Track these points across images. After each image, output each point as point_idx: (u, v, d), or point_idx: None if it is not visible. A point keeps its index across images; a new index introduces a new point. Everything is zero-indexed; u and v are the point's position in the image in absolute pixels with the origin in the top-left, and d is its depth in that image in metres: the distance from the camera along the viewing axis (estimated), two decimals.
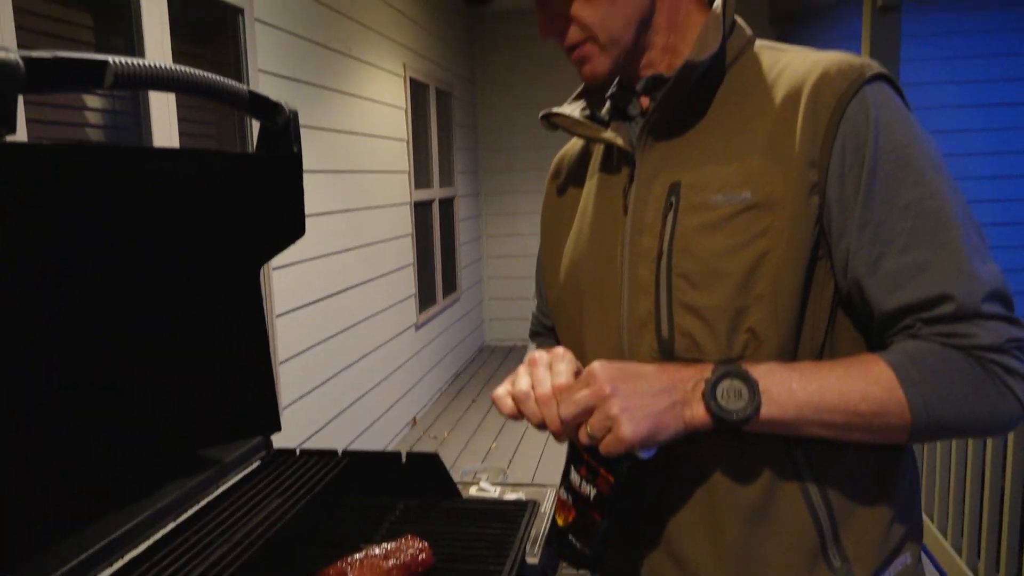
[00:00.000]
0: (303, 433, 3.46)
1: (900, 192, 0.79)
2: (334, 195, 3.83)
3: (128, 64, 0.81)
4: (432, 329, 5.65)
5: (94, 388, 1.01)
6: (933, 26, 6.23)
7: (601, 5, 0.87)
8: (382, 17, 4.63)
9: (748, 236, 0.82)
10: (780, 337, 0.83)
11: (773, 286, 0.82)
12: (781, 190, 0.82)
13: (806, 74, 0.84)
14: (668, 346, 0.87)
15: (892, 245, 0.79)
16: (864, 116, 0.81)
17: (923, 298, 0.78)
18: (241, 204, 1.12)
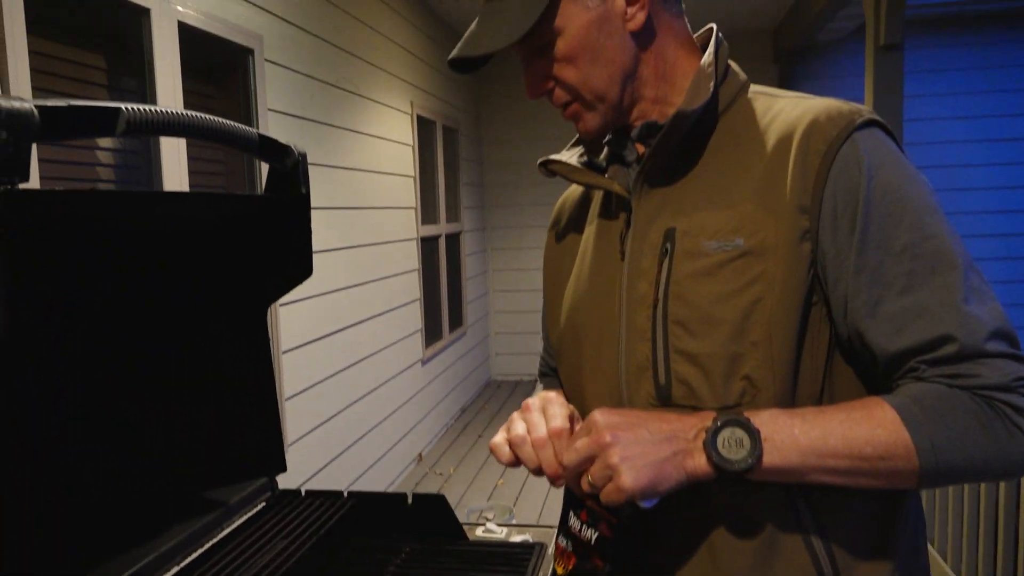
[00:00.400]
0: (308, 470, 3.44)
1: (896, 235, 0.79)
2: (341, 231, 3.85)
3: (140, 111, 0.83)
4: (438, 364, 5.64)
5: (101, 428, 1.01)
6: (936, 62, 6.29)
7: (583, 66, 0.88)
8: (390, 56, 4.70)
9: (741, 283, 0.83)
10: (777, 384, 0.82)
11: (768, 333, 0.82)
12: (773, 237, 0.82)
13: (796, 121, 0.85)
14: (666, 393, 0.86)
15: (890, 288, 0.79)
16: (855, 162, 0.81)
17: (924, 340, 0.77)
18: (250, 245, 1.13)
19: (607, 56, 0.88)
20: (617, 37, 0.88)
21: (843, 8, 4.80)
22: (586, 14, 0.87)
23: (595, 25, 0.87)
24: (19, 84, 1.83)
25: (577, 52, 0.88)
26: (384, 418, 4.43)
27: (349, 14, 4.05)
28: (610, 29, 0.88)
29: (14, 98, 0.70)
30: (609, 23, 0.88)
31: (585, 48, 0.88)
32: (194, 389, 1.15)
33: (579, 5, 0.87)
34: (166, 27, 2.42)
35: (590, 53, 0.88)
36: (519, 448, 0.86)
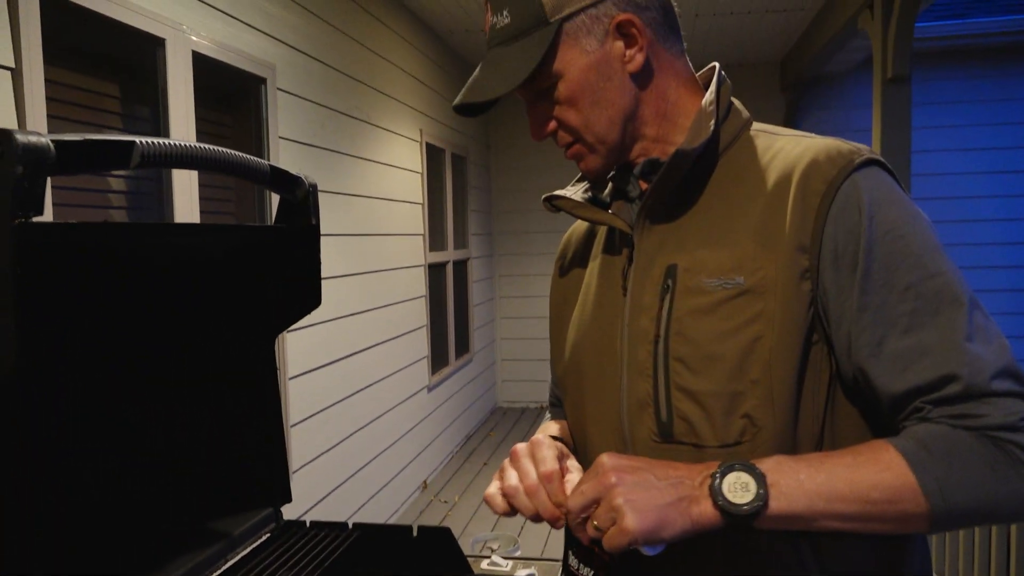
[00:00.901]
0: (312, 498, 3.42)
1: (898, 274, 0.79)
2: (349, 258, 3.87)
3: (154, 144, 0.84)
4: (444, 391, 5.63)
5: (108, 455, 1.01)
6: (943, 95, 6.32)
7: (584, 108, 0.90)
8: (400, 85, 4.75)
9: (741, 321, 0.83)
10: (777, 422, 0.82)
11: (767, 371, 0.81)
12: (772, 275, 0.82)
13: (796, 160, 0.85)
14: (667, 429, 0.86)
15: (894, 327, 0.79)
16: (855, 201, 0.81)
17: (929, 380, 0.77)
18: (260, 276, 1.14)
19: (607, 98, 0.89)
20: (616, 79, 0.89)
21: (851, 40, 4.83)
22: (585, 58, 0.88)
23: (594, 68, 0.89)
24: (35, 112, 1.86)
25: (577, 95, 0.89)
26: (389, 445, 4.41)
27: (360, 44, 4.10)
28: (609, 72, 0.89)
29: (30, 132, 0.71)
30: (608, 66, 0.89)
31: (585, 91, 0.89)
32: (202, 418, 1.15)
33: (578, 49, 0.88)
34: (181, 57, 2.46)
35: (590, 96, 0.89)
36: (513, 498, 0.85)
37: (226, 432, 1.18)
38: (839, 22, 4.58)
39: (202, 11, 2.63)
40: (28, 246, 0.69)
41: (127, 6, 2.21)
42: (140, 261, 0.93)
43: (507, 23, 0.90)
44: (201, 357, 1.12)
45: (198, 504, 1.16)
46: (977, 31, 5.99)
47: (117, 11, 2.17)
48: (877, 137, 3.86)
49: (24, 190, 0.68)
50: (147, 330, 1.01)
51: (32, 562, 0.87)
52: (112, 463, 1.01)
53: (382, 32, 4.44)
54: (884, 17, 3.75)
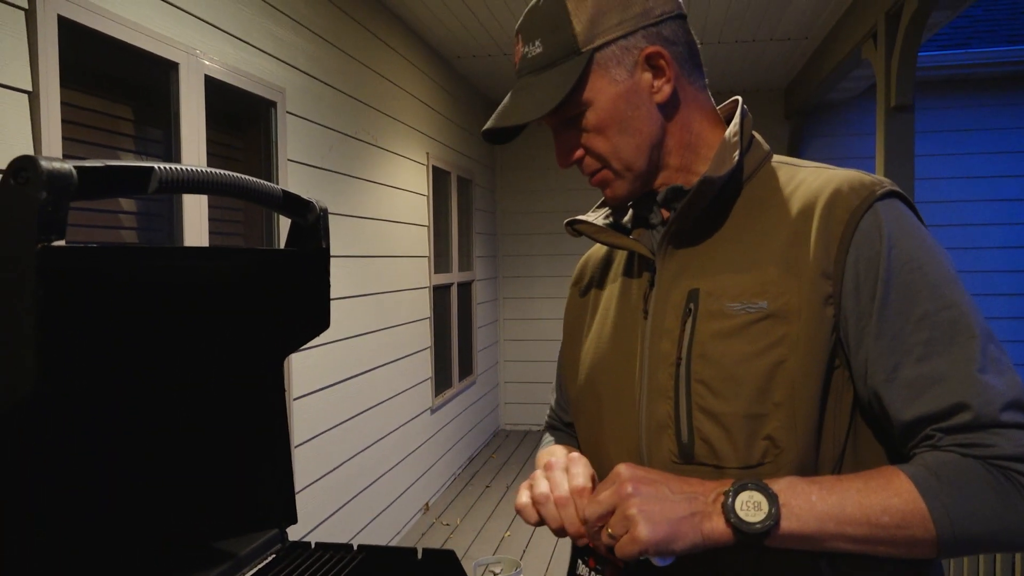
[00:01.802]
0: (316, 518, 3.41)
1: (915, 303, 0.82)
2: (355, 280, 3.89)
3: (172, 170, 0.86)
4: (447, 412, 5.63)
5: (115, 474, 1.02)
6: (947, 123, 6.36)
7: (612, 136, 0.92)
8: (407, 108, 4.80)
9: (765, 344, 0.85)
10: (800, 445, 0.83)
11: (791, 394, 0.83)
12: (796, 300, 0.84)
13: (820, 190, 0.88)
14: (688, 451, 0.88)
15: (909, 355, 0.81)
16: (876, 231, 0.84)
17: (940, 408, 0.79)
18: (270, 298, 1.15)
19: (635, 127, 0.92)
20: (644, 109, 0.92)
21: (854, 69, 4.88)
22: (614, 87, 0.91)
23: (623, 98, 0.91)
24: (51, 135, 1.89)
25: (606, 123, 0.92)
26: (392, 466, 4.41)
27: (369, 68, 4.15)
28: (637, 101, 0.92)
29: (54, 159, 0.73)
30: (636, 95, 0.92)
31: (614, 119, 0.92)
32: (209, 439, 1.16)
33: (607, 79, 0.91)
34: (193, 81, 2.50)
35: (618, 124, 0.92)
36: (542, 507, 0.87)
37: (234, 453, 1.19)
38: (843, 51, 4.62)
39: (215, 36, 2.67)
40: (49, 269, 0.71)
41: (142, 31, 2.25)
42: (154, 283, 0.94)
43: (539, 52, 0.92)
44: (211, 378, 1.14)
45: (204, 524, 1.17)
46: (980, 60, 6.04)
47: (133, 36, 2.21)
48: (881, 165, 3.88)
49: (48, 214, 0.70)
50: (159, 351, 1.03)
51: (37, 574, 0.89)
52: (121, 482, 1.03)
53: (390, 57, 4.50)
54: (887, 47, 3.79)
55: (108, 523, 1.00)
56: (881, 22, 3.84)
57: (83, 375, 0.91)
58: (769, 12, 4.68)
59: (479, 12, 4.60)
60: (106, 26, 2.10)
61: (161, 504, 1.10)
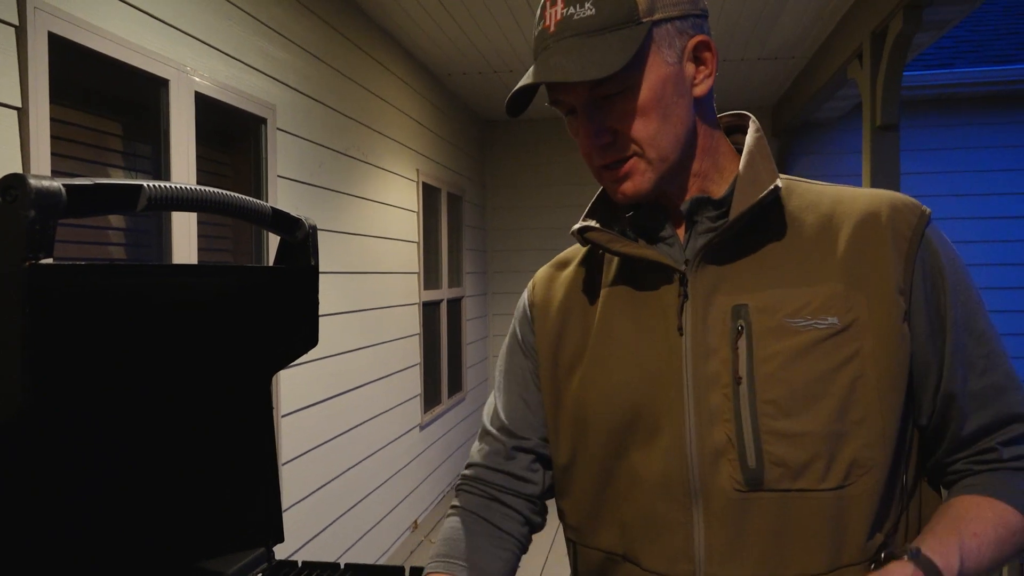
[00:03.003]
0: (302, 537, 3.39)
1: (974, 321, 0.88)
2: (344, 296, 3.89)
3: (161, 188, 0.86)
4: (436, 429, 5.60)
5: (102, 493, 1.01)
6: (932, 141, 6.43)
7: (654, 121, 0.86)
8: (398, 125, 4.81)
9: (839, 360, 0.83)
10: (885, 462, 0.84)
11: (872, 411, 0.83)
12: (866, 316, 0.85)
13: (874, 209, 0.89)
14: (757, 476, 0.83)
15: (973, 369, 0.88)
16: (935, 251, 0.89)
17: (999, 418, 0.87)
18: (259, 315, 1.15)
19: (677, 115, 0.87)
20: (685, 100, 0.88)
21: (841, 88, 4.93)
22: (665, 69, 0.86)
23: (671, 81, 0.86)
24: (40, 151, 1.89)
25: (651, 106, 0.85)
26: (381, 484, 4.38)
27: (359, 85, 4.16)
28: (682, 89, 0.87)
29: (42, 177, 0.73)
30: (682, 83, 0.87)
31: (660, 103, 0.86)
32: (196, 456, 1.16)
33: (660, 59, 0.86)
34: (183, 97, 2.50)
35: (663, 109, 0.86)
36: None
37: (221, 470, 1.19)
38: (829, 71, 4.68)
39: (205, 53, 2.68)
40: (37, 287, 0.71)
41: (132, 48, 2.26)
42: (143, 301, 0.94)
43: (591, 15, 0.84)
44: (199, 396, 1.13)
45: (191, 543, 1.16)
46: (964, 80, 6.12)
47: (123, 53, 2.21)
48: (867, 183, 3.92)
49: (36, 233, 0.70)
50: (147, 369, 1.03)
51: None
52: (108, 499, 1.02)
53: (381, 74, 4.52)
54: (873, 67, 3.84)
55: (95, 540, 0.99)
56: (867, 42, 3.89)
57: (71, 393, 0.91)
58: (757, 32, 4.74)
59: (470, 30, 4.64)
60: (96, 43, 2.11)
61: (148, 522, 1.09)
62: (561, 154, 7.05)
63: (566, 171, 7.07)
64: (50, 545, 0.93)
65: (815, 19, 4.48)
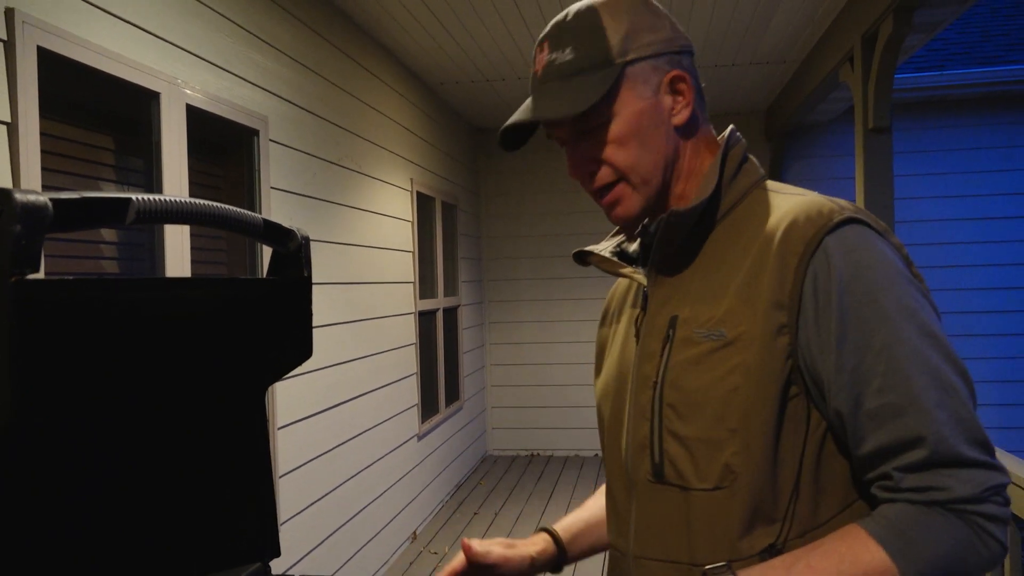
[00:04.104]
0: (300, 551, 3.37)
1: (873, 336, 0.83)
2: (339, 306, 3.87)
3: (149, 201, 0.85)
4: (434, 439, 5.59)
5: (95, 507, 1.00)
6: (924, 143, 6.45)
7: (633, 149, 0.94)
8: (391, 135, 4.81)
9: (723, 371, 0.88)
10: (754, 470, 0.86)
11: (744, 421, 0.86)
12: (749, 330, 0.87)
13: (780, 220, 0.90)
14: (659, 470, 0.93)
15: (868, 386, 0.83)
16: (830, 262, 0.85)
17: (897, 441, 0.81)
18: (251, 328, 1.14)
19: (654, 143, 0.95)
20: (663, 128, 0.96)
21: (833, 91, 4.95)
22: (640, 102, 0.94)
23: (647, 114, 0.94)
24: (30, 165, 1.88)
25: (628, 136, 0.94)
26: (379, 495, 4.36)
27: (352, 95, 4.16)
28: (658, 120, 0.95)
29: (28, 191, 0.72)
30: (658, 114, 0.95)
31: (636, 133, 0.94)
32: (190, 471, 1.14)
33: (634, 94, 0.94)
34: (175, 110, 2.49)
35: (640, 138, 0.94)
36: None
37: (215, 485, 1.17)
38: (821, 74, 4.69)
39: (196, 65, 2.67)
40: (24, 303, 0.70)
41: (123, 61, 2.25)
42: (133, 315, 0.93)
43: (569, 59, 0.94)
44: (192, 409, 1.12)
45: (186, 559, 1.14)
46: (955, 82, 6.15)
47: (113, 66, 2.21)
48: (860, 185, 3.92)
49: (22, 248, 0.69)
50: (139, 383, 1.01)
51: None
52: (101, 514, 1.01)
53: (373, 84, 4.51)
54: (864, 70, 3.85)
55: (87, 556, 0.98)
56: (857, 46, 3.90)
57: (60, 409, 0.90)
58: (748, 37, 4.75)
59: (461, 40, 4.64)
60: (86, 56, 2.10)
61: (141, 537, 1.08)
62: (554, 162, 7.06)
63: (559, 179, 7.08)
64: (41, 560, 0.91)
65: (806, 23, 4.50)
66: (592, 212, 6.94)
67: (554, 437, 7.28)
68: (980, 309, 6.30)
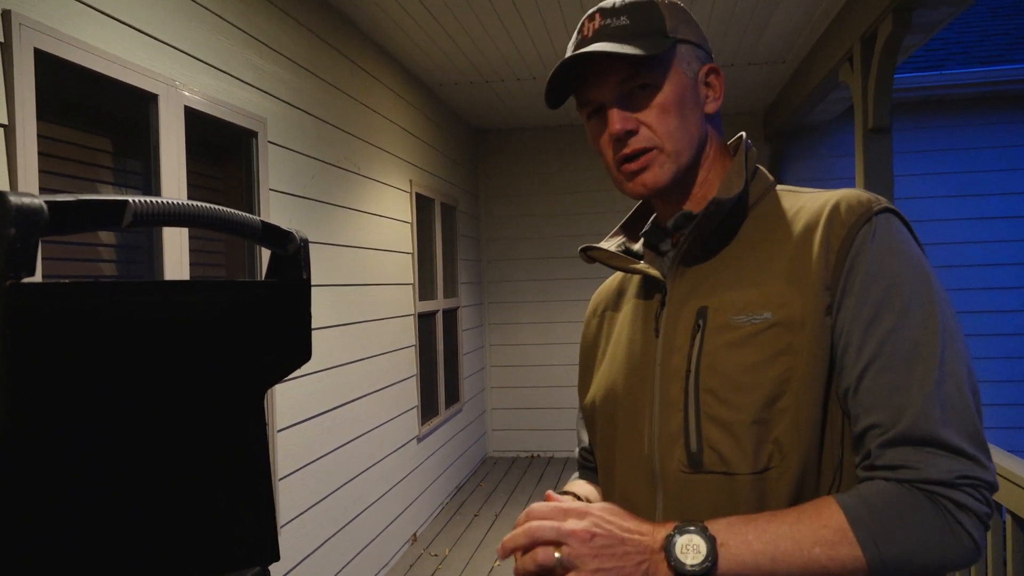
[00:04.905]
0: (300, 554, 3.36)
1: (884, 318, 0.86)
2: (339, 308, 3.87)
3: (146, 203, 0.84)
4: (434, 441, 5.58)
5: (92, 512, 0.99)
6: (924, 143, 6.44)
7: (674, 118, 0.97)
8: (390, 136, 4.80)
9: (771, 352, 0.88)
10: (803, 448, 0.87)
11: (796, 400, 0.87)
12: (800, 311, 0.88)
13: (821, 208, 0.92)
14: (697, 459, 0.91)
15: (871, 366, 0.85)
16: (867, 246, 0.88)
17: (885, 417, 0.83)
18: (250, 331, 1.13)
19: (692, 120, 0.98)
20: (699, 112, 1.00)
21: (832, 91, 4.94)
22: (685, 79, 0.98)
23: (689, 90, 0.98)
24: (27, 168, 1.87)
25: (672, 104, 0.96)
26: (379, 497, 4.35)
27: (351, 96, 4.16)
28: (696, 101, 0.99)
29: (24, 194, 0.71)
30: (697, 97, 0.99)
31: (680, 104, 0.97)
32: (189, 475, 1.14)
33: (682, 70, 0.98)
34: (173, 112, 2.49)
35: (681, 110, 0.97)
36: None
37: (214, 489, 1.17)
38: (820, 74, 4.69)
39: (194, 67, 2.67)
40: (19, 307, 0.69)
41: (121, 63, 2.24)
42: (130, 318, 0.92)
43: (625, 23, 0.96)
44: (190, 413, 1.12)
45: (184, 563, 1.14)
46: (954, 82, 6.15)
47: (111, 68, 2.20)
48: (861, 185, 3.92)
49: (17, 251, 0.68)
50: (136, 387, 1.01)
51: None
52: (98, 519, 1.00)
53: (372, 85, 4.51)
54: (864, 70, 3.85)
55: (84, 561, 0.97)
56: (856, 46, 3.90)
57: (56, 414, 0.89)
58: (747, 37, 4.75)
59: (460, 41, 4.63)
60: (84, 58, 2.09)
61: (139, 542, 1.07)
62: (554, 163, 7.06)
63: (560, 180, 7.08)
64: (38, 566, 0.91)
65: (805, 23, 4.49)
66: (592, 214, 6.94)
67: (554, 439, 7.27)
68: (979, 309, 6.30)
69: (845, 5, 4.09)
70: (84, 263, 2.23)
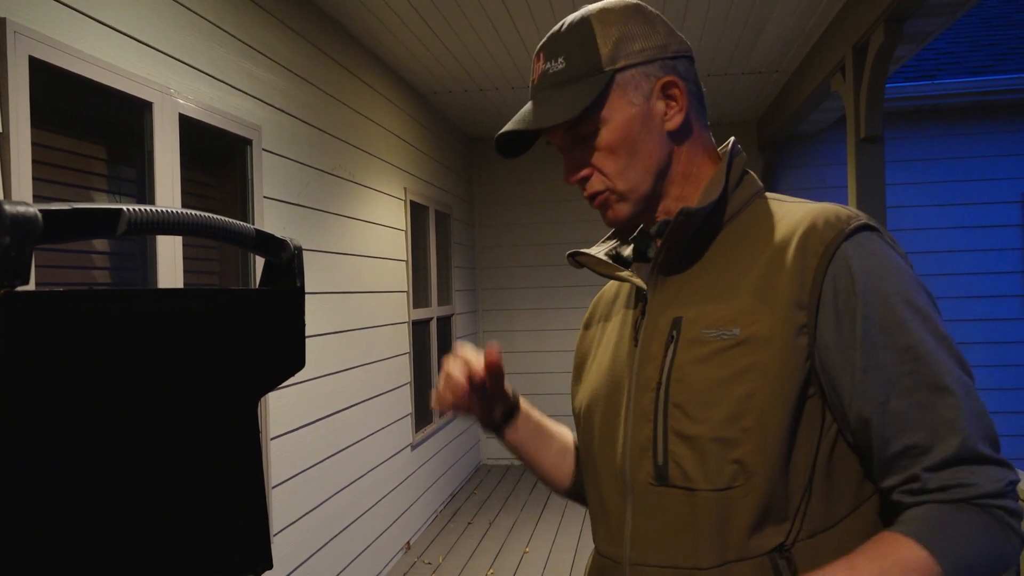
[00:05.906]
0: (293, 562, 3.35)
1: (897, 337, 0.84)
2: (333, 316, 3.86)
3: (140, 211, 0.85)
4: (428, 448, 5.57)
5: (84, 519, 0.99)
6: (916, 152, 6.48)
7: (621, 157, 0.96)
8: (384, 144, 4.81)
9: (736, 370, 0.87)
10: (768, 470, 0.86)
11: (760, 420, 0.86)
12: (768, 329, 0.87)
13: (797, 224, 0.91)
14: (663, 473, 0.91)
15: (896, 387, 0.83)
16: (850, 265, 0.86)
17: (926, 440, 0.82)
18: (244, 339, 1.13)
19: (645, 150, 0.96)
20: (655, 134, 0.97)
21: (824, 101, 4.97)
22: (630, 109, 0.95)
23: (637, 120, 0.95)
24: (21, 176, 1.87)
25: (617, 144, 0.95)
26: (372, 505, 4.34)
27: (345, 104, 4.16)
28: (650, 126, 0.96)
29: (18, 202, 0.72)
30: (650, 120, 0.96)
31: (625, 140, 0.95)
32: (182, 482, 1.14)
33: (625, 101, 0.95)
34: (167, 120, 2.49)
35: (629, 145, 0.95)
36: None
37: (206, 497, 1.17)
38: (812, 84, 4.71)
39: (189, 74, 2.67)
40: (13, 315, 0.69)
41: (115, 71, 2.25)
42: (124, 326, 0.93)
43: (561, 68, 0.96)
44: (184, 421, 1.12)
45: (177, 571, 1.14)
46: (945, 91, 6.19)
47: (106, 76, 2.20)
48: (853, 194, 3.94)
49: (11, 259, 0.69)
50: (130, 394, 1.01)
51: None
52: (90, 527, 1.00)
53: (366, 93, 4.52)
54: (856, 79, 3.87)
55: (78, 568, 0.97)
56: (849, 56, 3.92)
57: (51, 421, 0.89)
58: (740, 47, 4.78)
59: (454, 48, 4.65)
60: (79, 66, 2.10)
61: (132, 549, 1.07)
62: (548, 171, 7.07)
63: (554, 189, 7.09)
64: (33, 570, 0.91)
65: (797, 33, 4.52)
66: (586, 222, 6.95)
67: None
68: (971, 317, 6.33)
69: (837, 15, 4.12)
70: (78, 271, 2.22)
